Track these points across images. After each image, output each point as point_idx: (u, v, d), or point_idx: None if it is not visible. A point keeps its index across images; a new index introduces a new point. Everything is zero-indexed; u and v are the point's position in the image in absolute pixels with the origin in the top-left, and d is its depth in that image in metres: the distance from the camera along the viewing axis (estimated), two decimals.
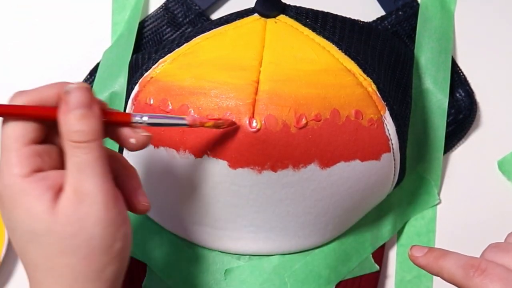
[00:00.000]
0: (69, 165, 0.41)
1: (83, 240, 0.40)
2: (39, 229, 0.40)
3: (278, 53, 0.53)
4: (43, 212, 0.40)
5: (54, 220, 0.40)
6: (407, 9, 0.62)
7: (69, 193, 0.40)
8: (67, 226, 0.40)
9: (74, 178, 0.40)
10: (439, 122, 0.60)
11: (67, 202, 0.40)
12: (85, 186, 0.40)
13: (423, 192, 0.61)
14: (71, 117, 0.41)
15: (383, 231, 0.60)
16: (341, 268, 0.58)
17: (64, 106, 0.41)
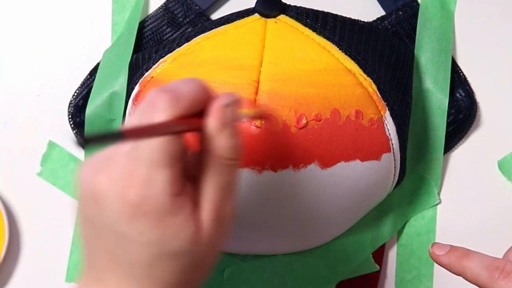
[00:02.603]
0: (211, 182, 0.39)
1: (211, 258, 0.40)
2: (181, 250, 0.38)
3: (279, 53, 0.53)
4: (190, 235, 0.38)
5: (198, 242, 0.39)
6: (407, 9, 0.62)
7: (211, 213, 0.39)
8: (207, 246, 0.39)
9: (217, 198, 0.39)
10: (439, 122, 0.60)
11: (211, 224, 0.39)
12: (226, 208, 0.40)
13: (423, 192, 0.61)
14: (228, 132, 0.39)
15: (383, 231, 0.60)
16: (341, 268, 0.58)
17: (221, 119, 0.39)
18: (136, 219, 0.37)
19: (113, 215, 0.37)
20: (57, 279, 0.62)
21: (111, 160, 0.38)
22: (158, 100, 0.37)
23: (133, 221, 0.37)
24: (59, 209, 0.62)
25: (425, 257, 0.61)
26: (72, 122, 0.62)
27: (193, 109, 0.38)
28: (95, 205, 0.38)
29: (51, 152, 0.63)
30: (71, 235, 0.62)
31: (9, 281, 0.62)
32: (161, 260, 0.38)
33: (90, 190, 0.38)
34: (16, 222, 0.62)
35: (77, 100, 0.62)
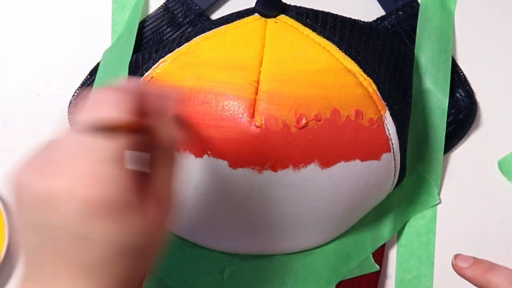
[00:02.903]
0: (161, 172, 0.41)
1: (158, 248, 0.41)
2: (137, 245, 0.39)
3: (278, 53, 0.53)
4: (144, 230, 0.39)
5: (149, 235, 0.39)
6: (407, 9, 0.62)
7: (159, 205, 0.40)
8: (156, 237, 0.40)
9: (164, 189, 0.41)
10: (439, 122, 0.60)
11: (159, 216, 0.40)
12: (170, 197, 0.41)
13: (423, 192, 0.61)
14: (170, 126, 0.41)
15: (383, 231, 0.60)
16: (341, 268, 0.58)
17: (163, 114, 0.41)
18: (93, 218, 0.37)
19: (67, 216, 0.37)
20: None
21: (59, 161, 0.38)
22: (107, 97, 0.38)
23: (90, 221, 0.37)
24: None
25: (425, 257, 0.61)
26: (72, 122, 0.62)
27: (138, 108, 0.40)
28: (47, 208, 0.37)
29: None
30: None
31: (9, 281, 0.62)
32: (118, 257, 0.38)
33: (41, 194, 0.37)
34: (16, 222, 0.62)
35: (77, 100, 0.62)
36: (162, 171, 0.41)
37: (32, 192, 0.38)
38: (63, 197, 0.37)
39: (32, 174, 0.38)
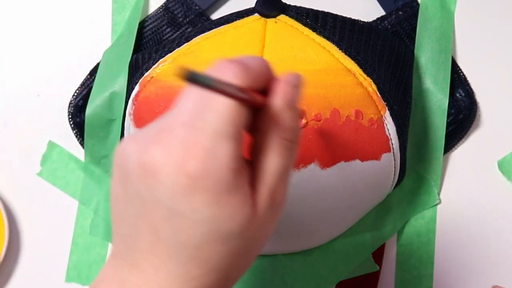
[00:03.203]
0: (270, 165, 0.37)
1: (260, 245, 0.38)
2: (234, 233, 0.36)
3: (278, 53, 0.53)
4: (246, 218, 0.36)
5: (251, 226, 0.36)
6: (407, 9, 0.62)
7: (267, 198, 0.37)
8: (259, 232, 0.37)
9: (275, 182, 0.37)
10: (439, 122, 0.60)
11: (265, 209, 0.37)
12: (281, 193, 0.37)
13: (423, 192, 0.61)
14: (292, 113, 0.37)
15: (383, 231, 0.60)
16: (341, 268, 0.58)
17: (288, 99, 0.37)
18: (193, 193, 0.34)
19: (167, 188, 0.34)
20: (57, 279, 0.62)
21: (166, 131, 0.35)
22: (228, 68, 0.35)
23: (189, 196, 0.34)
24: (59, 209, 0.62)
25: (425, 257, 0.61)
26: (72, 122, 0.62)
27: (258, 85, 0.36)
28: (146, 179, 0.35)
29: (51, 152, 0.63)
30: (71, 235, 0.62)
31: (9, 281, 0.62)
32: (212, 242, 0.35)
33: (141, 163, 0.35)
34: (16, 222, 0.63)
35: (77, 100, 0.62)
36: (275, 164, 0.37)
37: (131, 160, 0.36)
38: (161, 167, 0.35)
39: (138, 142, 0.36)
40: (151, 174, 0.35)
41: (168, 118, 0.36)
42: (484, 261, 0.61)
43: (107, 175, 0.61)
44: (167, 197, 0.35)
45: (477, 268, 0.61)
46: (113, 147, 0.60)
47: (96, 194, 0.61)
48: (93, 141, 0.61)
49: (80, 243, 0.62)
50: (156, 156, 0.35)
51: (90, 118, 0.60)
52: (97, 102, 0.60)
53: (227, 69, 0.35)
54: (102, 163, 0.61)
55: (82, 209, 0.62)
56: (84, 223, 0.62)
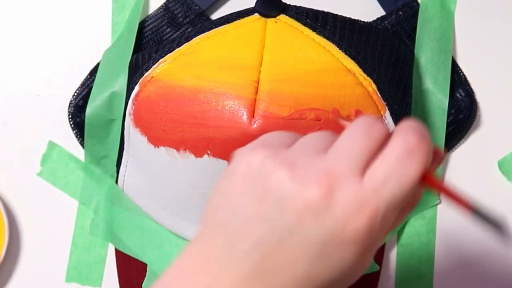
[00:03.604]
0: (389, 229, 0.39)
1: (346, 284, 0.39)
2: (353, 280, 0.38)
3: (278, 52, 0.53)
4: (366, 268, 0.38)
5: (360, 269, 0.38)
6: (407, 9, 0.62)
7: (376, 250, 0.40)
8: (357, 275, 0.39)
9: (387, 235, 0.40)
10: (439, 122, 0.60)
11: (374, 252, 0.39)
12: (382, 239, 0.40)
13: (423, 192, 0.61)
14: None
15: None
16: None
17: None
18: (350, 246, 0.36)
19: (326, 234, 0.36)
20: (57, 279, 0.62)
21: (334, 178, 0.36)
22: (419, 151, 0.37)
23: (346, 247, 0.36)
24: (59, 209, 0.62)
25: (425, 257, 0.61)
26: (72, 122, 0.62)
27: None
28: (305, 218, 0.36)
29: (51, 152, 0.63)
30: (71, 235, 0.62)
31: (9, 281, 0.62)
32: (338, 283, 0.37)
33: (303, 202, 0.36)
34: (16, 222, 0.62)
35: (77, 100, 0.62)
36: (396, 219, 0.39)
37: (296, 196, 0.36)
38: (332, 217, 0.35)
39: (294, 174, 0.36)
40: (313, 214, 0.36)
41: (333, 157, 0.37)
42: (484, 261, 0.61)
43: (107, 175, 0.61)
44: (321, 241, 0.36)
45: (477, 268, 0.61)
46: (113, 147, 0.60)
47: (96, 194, 0.61)
48: (93, 141, 0.61)
49: (80, 243, 0.62)
50: (323, 200, 0.35)
51: (90, 118, 0.60)
52: (97, 102, 0.60)
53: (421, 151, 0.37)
54: (102, 163, 0.61)
55: (82, 209, 0.62)
56: (84, 223, 0.62)
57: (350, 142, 0.37)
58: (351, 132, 0.38)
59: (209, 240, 0.38)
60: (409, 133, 0.37)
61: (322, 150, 0.37)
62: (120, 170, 0.59)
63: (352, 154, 0.37)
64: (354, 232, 0.36)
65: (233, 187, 0.38)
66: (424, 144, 0.37)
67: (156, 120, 0.54)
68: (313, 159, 0.37)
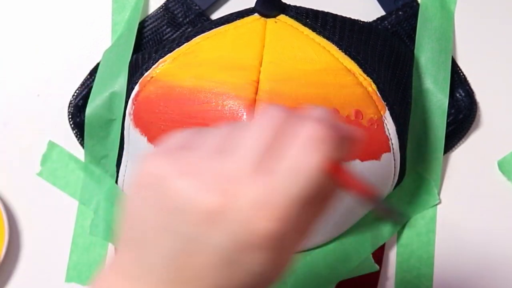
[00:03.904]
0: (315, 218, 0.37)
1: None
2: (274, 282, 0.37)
3: (278, 52, 0.53)
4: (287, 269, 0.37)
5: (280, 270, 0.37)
6: (407, 9, 0.62)
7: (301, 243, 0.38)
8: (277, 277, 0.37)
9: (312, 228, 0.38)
10: (439, 122, 0.60)
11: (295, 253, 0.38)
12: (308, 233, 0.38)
13: (423, 192, 0.61)
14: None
15: (383, 231, 0.60)
16: (341, 268, 0.58)
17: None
18: (259, 251, 0.34)
19: (232, 241, 0.34)
20: (57, 279, 0.62)
21: (233, 182, 0.34)
22: (322, 141, 0.34)
23: (255, 252, 0.34)
24: (59, 209, 0.62)
25: (425, 257, 0.61)
26: (72, 122, 0.62)
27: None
28: (208, 225, 0.34)
29: (51, 152, 0.63)
30: (71, 235, 0.62)
31: (9, 281, 0.62)
32: (251, 286, 0.35)
33: (204, 209, 0.34)
34: (16, 222, 0.63)
35: (77, 100, 0.62)
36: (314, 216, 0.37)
37: (197, 203, 0.34)
38: (236, 222, 0.33)
39: (192, 178, 0.34)
40: (213, 222, 0.34)
41: (230, 158, 0.34)
42: (484, 261, 0.61)
43: (107, 175, 0.61)
44: (226, 247, 0.34)
45: (477, 268, 0.61)
46: (113, 147, 0.60)
47: (96, 194, 0.61)
48: (93, 141, 0.61)
49: (80, 243, 0.62)
50: (221, 205, 0.33)
51: (90, 118, 0.60)
52: (97, 102, 0.60)
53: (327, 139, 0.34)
54: (102, 163, 0.61)
55: (82, 209, 0.62)
56: (84, 223, 0.62)
57: (249, 139, 0.35)
58: (253, 126, 0.35)
59: (123, 257, 0.37)
60: (312, 123, 0.34)
61: (222, 151, 0.35)
62: (120, 170, 0.59)
63: (250, 152, 0.34)
64: (259, 235, 0.33)
65: (137, 200, 0.36)
66: (328, 133, 0.34)
67: (156, 120, 0.54)
68: (212, 162, 0.34)
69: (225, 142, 0.35)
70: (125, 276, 0.37)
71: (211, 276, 0.35)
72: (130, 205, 0.37)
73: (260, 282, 0.36)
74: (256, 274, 0.35)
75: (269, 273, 0.35)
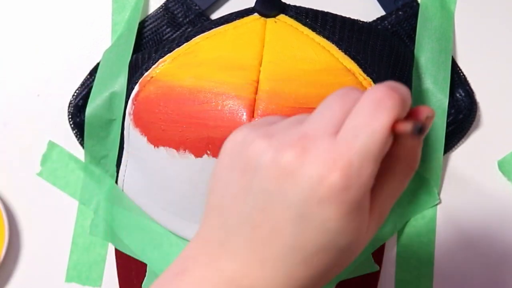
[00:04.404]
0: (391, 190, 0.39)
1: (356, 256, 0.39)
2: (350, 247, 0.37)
3: (278, 52, 0.53)
4: (362, 235, 0.38)
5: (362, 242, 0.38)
6: (407, 9, 0.62)
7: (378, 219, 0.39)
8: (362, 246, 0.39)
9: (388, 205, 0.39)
10: (439, 122, 0.60)
11: (375, 228, 0.39)
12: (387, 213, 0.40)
13: (423, 192, 0.61)
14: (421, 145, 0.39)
15: (383, 231, 0.60)
16: None
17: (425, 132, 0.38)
18: (329, 204, 0.35)
19: (304, 194, 0.35)
20: (57, 279, 0.62)
21: (309, 138, 0.36)
22: (388, 99, 0.36)
23: (325, 206, 0.35)
24: (59, 209, 0.62)
25: (425, 257, 0.61)
26: (72, 122, 0.62)
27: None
28: (282, 180, 0.36)
29: (51, 152, 0.63)
30: (71, 235, 0.62)
31: (9, 281, 0.62)
32: (328, 250, 0.37)
33: (279, 164, 0.36)
34: (16, 222, 0.63)
35: (77, 100, 0.62)
36: (395, 189, 0.39)
37: (272, 160, 0.36)
38: (308, 175, 0.35)
39: (272, 141, 0.37)
40: (289, 176, 0.36)
41: (308, 123, 0.37)
42: (484, 261, 0.61)
43: (107, 175, 0.61)
44: (301, 202, 0.36)
45: (477, 268, 0.61)
46: (113, 147, 0.60)
47: (96, 194, 0.61)
48: (93, 141, 0.61)
49: (80, 243, 0.62)
50: (298, 160, 0.36)
51: (90, 118, 0.60)
52: (97, 102, 0.60)
53: (390, 99, 0.36)
54: (102, 163, 0.61)
55: (82, 209, 0.62)
56: (84, 223, 0.62)
57: (324, 108, 0.37)
58: (326, 100, 0.38)
59: (207, 223, 0.39)
60: (378, 87, 0.37)
61: (301, 122, 0.38)
62: (120, 170, 0.59)
63: (325, 117, 0.37)
64: (329, 187, 0.35)
65: (222, 166, 0.39)
66: (393, 93, 0.36)
67: (156, 120, 0.54)
68: (291, 128, 0.37)
69: (301, 119, 0.38)
70: (207, 240, 0.39)
71: (286, 234, 0.36)
72: (215, 173, 0.39)
73: (335, 247, 0.36)
74: (329, 233, 0.36)
75: (343, 238, 0.36)
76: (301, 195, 0.36)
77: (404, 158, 0.38)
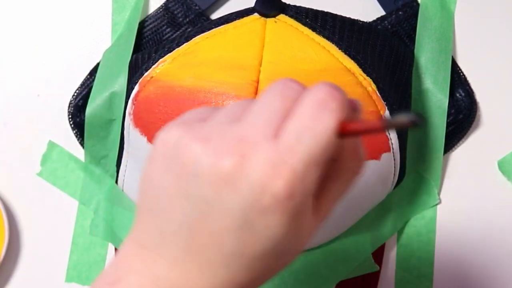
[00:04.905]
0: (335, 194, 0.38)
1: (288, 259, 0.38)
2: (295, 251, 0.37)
3: (278, 52, 0.53)
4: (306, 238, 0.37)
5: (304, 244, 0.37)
6: (407, 9, 0.62)
7: (320, 220, 0.38)
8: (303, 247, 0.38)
9: (331, 208, 0.38)
10: (439, 122, 0.60)
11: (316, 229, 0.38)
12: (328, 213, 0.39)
13: (423, 192, 0.61)
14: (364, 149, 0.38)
15: (383, 231, 0.60)
16: (341, 268, 0.58)
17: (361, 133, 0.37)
18: (273, 212, 0.34)
19: (245, 202, 0.34)
20: (57, 279, 0.62)
21: (248, 143, 0.34)
22: (331, 102, 0.35)
23: (268, 214, 0.34)
24: (59, 209, 0.62)
25: (425, 257, 0.61)
26: (72, 122, 0.62)
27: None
28: (222, 187, 0.34)
29: (51, 152, 0.63)
30: (71, 235, 0.62)
31: (9, 281, 0.62)
32: (270, 256, 0.36)
33: (219, 170, 0.34)
34: (16, 222, 0.63)
35: (77, 100, 0.62)
36: (339, 193, 0.38)
37: (211, 166, 0.34)
38: (249, 183, 0.34)
39: (208, 144, 0.35)
40: (228, 184, 0.34)
41: (247, 123, 0.35)
42: (484, 261, 0.61)
43: (107, 175, 0.61)
44: (242, 210, 0.34)
45: (477, 268, 0.61)
46: (113, 147, 0.60)
47: (96, 194, 0.61)
48: (93, 141, 0.61)
49: (80, 243, 0.62)
50: (237, 168, 0.34)
51: (90, 118, 0.60)
52: (97, 102, 0.60)
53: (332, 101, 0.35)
54: (102, 163, 0.61)
55: (82, 209, 0.62)
56: (84, 223, 0.62)
57: (263, 105, 0.35)
58: (265, 96, 0.36)
59: (140, 226, 0.38)
60: (319, 87, 0.35)
61: (237, 119, 0.36)
62: (120, 170, 0.59)
63: (264, 117, 0.35)
64: (272, 196, 0.34)
65: (154, 168, 0.37)
66: (336, 95, 0.35)
67: (156, 120, 0.54)
68: (227, 129, 0.35)
69: (237, 113, 0.36)
70: (142, 245, 0.37)
71: (226, 242, 0.35)
72: (147, 174, 0.37)
73: (279, 249, 0.36)
74: (273, 239, 0.35)
75: (288, 240, 0.35)
76: (242, 204, 0.34)
77: (348, 160, 0.37)
